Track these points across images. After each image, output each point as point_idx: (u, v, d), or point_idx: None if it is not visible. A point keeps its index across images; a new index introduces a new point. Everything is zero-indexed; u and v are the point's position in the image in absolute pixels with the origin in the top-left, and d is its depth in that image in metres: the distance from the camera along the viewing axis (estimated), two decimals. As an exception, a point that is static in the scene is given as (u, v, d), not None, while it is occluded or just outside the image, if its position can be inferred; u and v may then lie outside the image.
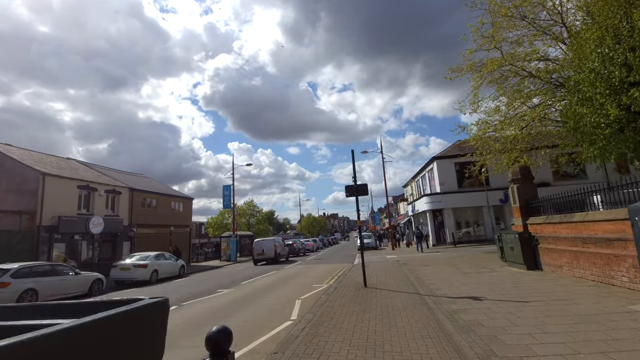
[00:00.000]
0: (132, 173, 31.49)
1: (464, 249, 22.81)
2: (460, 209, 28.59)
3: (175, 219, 28.89)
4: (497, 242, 12.99)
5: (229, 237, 32.33)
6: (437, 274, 11.65)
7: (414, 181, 39.84)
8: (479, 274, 11.00)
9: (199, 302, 9.64)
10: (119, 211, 23.10)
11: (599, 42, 9.95)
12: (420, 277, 11.25)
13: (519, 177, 12.06)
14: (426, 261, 16.50)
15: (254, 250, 23.49)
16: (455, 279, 10.36)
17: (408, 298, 7.79)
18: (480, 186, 28.47)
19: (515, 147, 16.45)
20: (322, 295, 8.84)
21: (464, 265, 13.53)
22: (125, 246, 23.35)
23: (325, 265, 19.75)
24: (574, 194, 9.63)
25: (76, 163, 24.73)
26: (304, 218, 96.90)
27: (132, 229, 23.86)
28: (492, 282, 9.30)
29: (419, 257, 19.07)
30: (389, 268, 14.58)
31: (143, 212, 25.32)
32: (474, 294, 7.84)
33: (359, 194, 10.00)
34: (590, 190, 8.94)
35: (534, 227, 11.28)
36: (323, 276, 14.00)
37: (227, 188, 32.69)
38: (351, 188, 10.07)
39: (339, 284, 10.36)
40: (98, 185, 21.64)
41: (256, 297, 9.84)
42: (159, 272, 17.79)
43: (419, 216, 35.07)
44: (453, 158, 29.35)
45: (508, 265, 12.20)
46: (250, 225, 52.48)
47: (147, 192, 25.94)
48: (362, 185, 10.08)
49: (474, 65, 16.09)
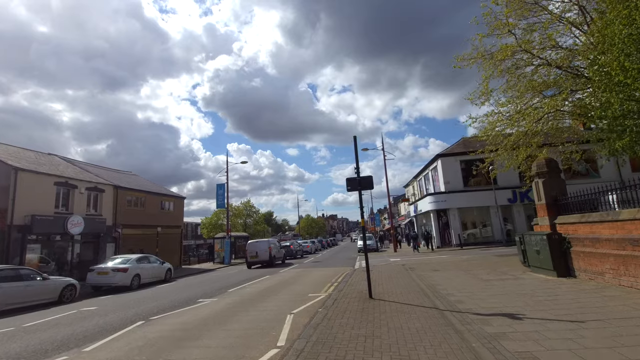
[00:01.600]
0: (120, 171, 29.89)
1: (472, 252, 21.28)
2: (466, 209, 27.09)
3: (166, 219, 27.29)
4: (519, 245, 11.46)
5: (222, 238, 30.73)
6: (452, 281, 10.11)
7: (415, 180, 38.34)
8: (502, 282, 9.47)
9: (171, 317, 8.07)
10: (101, 210, 21.50)
11: (627, 22, 8.59)
12: (433, 284, 9.72)
13: (544, 170, 10.54)
14: (434, 265, 14.96)
15: (248, 253, 21.92)
16: (475, 287, 8.83)
17: (426, 315, 6.24)
18: (486, 185, 27.01)
19: (531, 141, 15.04)
20: (319, 309, 7.30)
21: (479, 270, 12.01)
22: (109, 248, 21.76)
23: (324, 269, 18.20)
24: (618, 187, 8.15)
25: (58, 159, 23.13)
26: (302, 219, 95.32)
27: (117, 230, 22.26)
28: (522, 293, 7.77)
29: (425, 261, 17.54)
30: (394, 273, 13.04)
31: (129, 211, 23.72)
32: (508, 309, 6.32)
33: (363, 188, 8.47)
34: None
35: (565, 227, 9.76)
36: (321, 282, 12.45)
37: (221, 187, 31.09)
38: (353, 181, 8.54)
39: (340, 294, 8.80)
40: (78, 182, 20.05)
41: (240, 310, 8.27)
42: (142, 276, 16.25)
43: (421, 217, 33.55)
44: (458, 155, 27.89)
45: (532, 271, 10.68)
46: (247, 226, 50.86)
47: (133, 190, 24.33)
48: (365, 178, 8.55)
49: (484, 53, 14.70)
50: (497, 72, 14.61)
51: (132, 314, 8.77)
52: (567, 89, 13.01)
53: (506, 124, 15.38)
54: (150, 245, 23.81)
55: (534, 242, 10.47)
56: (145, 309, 9.30)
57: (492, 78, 14.77)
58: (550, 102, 13.25)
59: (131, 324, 7.63)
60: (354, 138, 8.66)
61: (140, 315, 8.59)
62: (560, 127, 15.23)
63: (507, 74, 14.55)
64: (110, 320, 8.18)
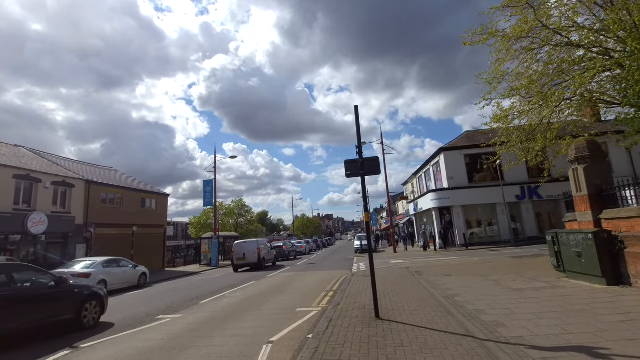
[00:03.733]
0: (98, 166, 27.67)
1: (480, 253, 19.42)
2: (470, 206, 25.25)
3: (147, 217, 25.12)
4: (551, 245, 9.56)
5: (210, 238, 28.60)
6: (473, 291, 8.18)
7: (415, 177, 36.49)
8: (538, 292, 7.56)
9: (105, 346, 6.02)
10: (70, 207, 19.31)
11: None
12: (452, 295, 7.77)
13: (586, 154, 8.64)
14: (443, 268, 13.05)
15: (234, 254, 19.84)
16: (507, 300, 6.90)
17: (462, 351, 4.28)
18: (493, 181, 25.20)
19: (552, 127, 13.26)
20: (308, 336, 5.32)
21: (500, 276, 10.11)
22: (80, 249, 19.58)
23: (318, 272, 16.22)
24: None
25: (25, 151, 20.89)
26: (297, 219, 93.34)
27: (89, 229, 20.08)
28: (577, 310, 5.86)
29: (431, 263, 15.62)
30: (400, 279, 11.10)
31: (104, 209, 21.53)
32: (577, 339, 4.40)
33: (367, 172, 6.49)
34: None
35: (614, 223, 7.88)
36: (314, 291, 10.46)
37: (209, 183, 28.94)
38: (354, 164, 6.56)
39: (336, 311, 6.80)
40: (43, 176, 17.85)
41: (203, 335, 6.23)
42: (109, 282, 14.17)
43: (422, 215, 31.68)
44: (463, 149, 26.05)
45: (569, 277, 8.79)
46: (239, 225, 48.69)
47: (108, 186, 22.12)
48: (370, 160, 6.57)
49: (496, 32, 12.87)
50: (510, 54, 12.82)
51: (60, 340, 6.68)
52: (597, 66, 11.09)
53: (521, 110, 13.54)
54: (129, 247, 21.66)
55: (573, 242, 8.57)
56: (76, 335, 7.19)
57: (504, 61, 13.01)
58: (579, 78, 11.31)
59: (52, 353, 5.59)
60: (355, 108, 6.68)
61: (66, 341, 6.49)
62: (565, 121, 13.65)
63: (524, 53, 12.73)
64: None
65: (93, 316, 7.83)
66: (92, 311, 7.85)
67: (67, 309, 7.26)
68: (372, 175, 6.57)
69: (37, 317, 6.62)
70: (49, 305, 6.96)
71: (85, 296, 7.77)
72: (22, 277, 6.87)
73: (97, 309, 7.99)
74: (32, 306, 6.61)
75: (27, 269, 7.58)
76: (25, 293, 6.64)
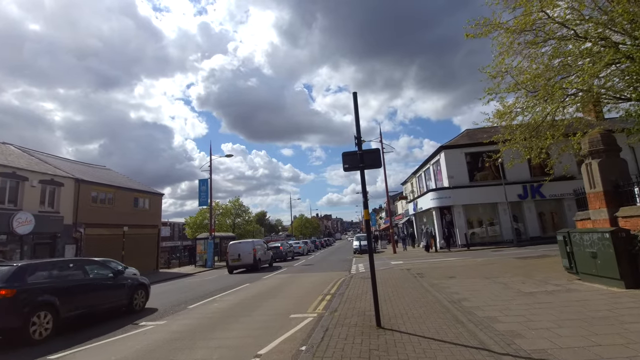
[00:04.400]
0: (90, 164, 26.98)
1: (483, 253, 18.86)
2: (471, 205, 24.69)
3: (139, 217, 24.45)
4: (563, 246, 8.97)
5: (205, 239, 27.95)
6: (481, 294, 7.59)
7: (415, 177, 35.93)
8: (552, 296, 6.98)
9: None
10: (59, 207, 18.65)
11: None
12: (458, 299, 7.19)
13: (600, 147, 8.08)
14: (446, 270, 12.47)
15: (229, 255, 19.20)
16: (520, 306, 6.32)
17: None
18: (494, 179, 24.67)
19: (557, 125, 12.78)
20: (301, 349, 4.72)
21: (508, 278, 9.54)
22: (69, 250, 18.91)
23: (315, 274, 15.62)
24: None
25: (13, 148, 20.21)
26: (296, 219, 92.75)
27: (79, 229, 19.42)
28: (599, 317, 5.28)
29: (433, 264, 15.05)
30: (401, 281, 10.50)
31: (94, 208, 20.86)
32: (607, 353, 3.85)
33: (366, 166, 5.89)
34: None
35: (632, 221, 7.33)
36: (310, 295, 9.85)
37: (204, 182, 28.30)
38: (352, 156, 5.96)
39: (333, 318, 6.20)
40: (29, 174, 17.18)
41: (184, 346, 5.57)
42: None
43: (422, 215, 31.13)
44: (464, 147, 25.50)
45: (582, 280, 8.21)
46: (237, 225, 48.03)
47: (99, 185, 21.44)
48: (370, 153, 5.98)
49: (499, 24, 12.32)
50: (512, 49, 12.28)
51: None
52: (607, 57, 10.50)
53: (526, 106, 12.99)
54: (120, 247, 21.01)
55: (587, 242, 7.98)
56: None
57: (508, 55, 12.48)
58: (589, 69, 10.71)
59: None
60: (353, 95, 6.08)
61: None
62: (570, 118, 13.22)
63: (527, 48, 12.18)
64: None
65: (141, 302, 9.47)
66: (140, 298, 9.49)
67: (124, 296, 8.88)
68: (372, 169, 5.96)
69: (104, 302, 8.26)
70: (112, 292, 8.54)
71: (136, 286, 9.38)
72: (91, 270, 8.48)
73: (144, 297, 9.66)
74: (101, 293, 8.23)
75: (94, 263, 9.29)
76: (96, 282, 8.24)
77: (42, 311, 6.65)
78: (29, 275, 6.89)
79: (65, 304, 7.12)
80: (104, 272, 8.79)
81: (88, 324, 7.76)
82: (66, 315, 7.15)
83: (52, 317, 6.81)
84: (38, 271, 7.15)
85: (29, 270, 6.99)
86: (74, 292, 7.51)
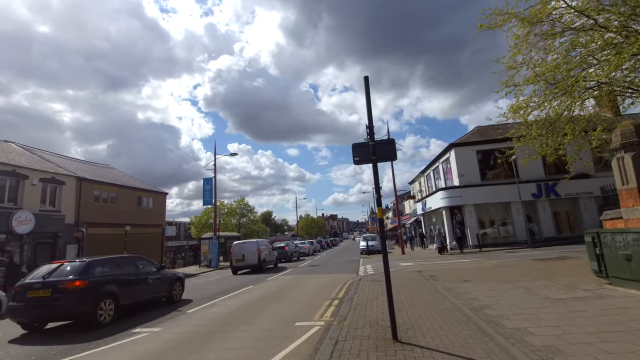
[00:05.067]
0: (94, 163, 26.71)
1: (496, 254, 18.10)
2: (483, 205, 23.88)
3: (143, 216, 24.08)
4: (591, 247, 8.25)
5: (210, 238, 27.51)
6: (504, 302, 6.93)
7: (423, 176, 35.16)
8: (584, 303, 6.31)
9: None
10: (60, 206, 18.31)
11: None
12: (481, 308, 6.54)
13: (634, 140, 7.37)
14: (460, 272, 11.79)
15: (232, 256, 18.69)
16: (553, 316, 5.65)
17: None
18: (507, 178, 23.84)
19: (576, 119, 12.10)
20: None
21: (529, 282, 8.86)
22: (71, 250, 18.56)
23: (322, 276, 15.03)
24: None
25: (14, 146, 19.94)
26: (302, 219, 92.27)
27: (81, 229, 19.07)
28: (653, 332, 4.59)
29: (445, 266, 14.37)
30: (414, 285, 9.86)
31: (97, 207, 20.52)
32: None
33: (379, 158, 5.27)
34: None
35: (674, 221, 6.61)
36: (316, 299, 9.26)
37: (208, 181, 27.82)
38: (363, 148, 5.35)
39: (342, 328, 5.60)
40: (30, 172, 16.85)
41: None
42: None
43: (431, 215, 30.37)
44: (475, 145, 24.70)
45: (615, 285, 7.51)
46: (242, 225, 47.61)
47: (102, 184, 21.09)
48: (384, 144, 5.36)
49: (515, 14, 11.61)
50: (527, 42, 11.57)
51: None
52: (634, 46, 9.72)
53: (544, 99, 12.23)
54: (123, 247, 20.61)
55: (620, 244, 7.27)
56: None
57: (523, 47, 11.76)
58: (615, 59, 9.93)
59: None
60: (365, 80, 5.47)
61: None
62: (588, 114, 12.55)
63: (545, 39, 11.46)
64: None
65: (178, 293, 10.68)
66: (178, 290, 10.69)
67: (165, 288, 10.08)
68: (386, 162, 5.34)
69: (152, 292, 9.52)
70: (157, 284, 9.75)
71: (174, 279, 10.61)
72: (141, 265, 9.72)
73: (181, 289, 10.87)
74: (149, 285, 9.44)
75: (142, 259, 10.27)
76: (145, 276, 9.43)
77: (106, 299, 7.88)
78: (95, 269, 8.12)
79: (123, 294, 8.36)
80: (150, 267, 9.99)
81: (139, 311, 9.00)
82: (124, 303, 8.35)
83: (114, 305, 8.03)
84: (101, 266, 8.40)
85: (95, 265, 8.23)
86: (130, 283, 8.79)
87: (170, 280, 10.30)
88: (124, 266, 9.04)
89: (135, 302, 8.78)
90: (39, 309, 7.31)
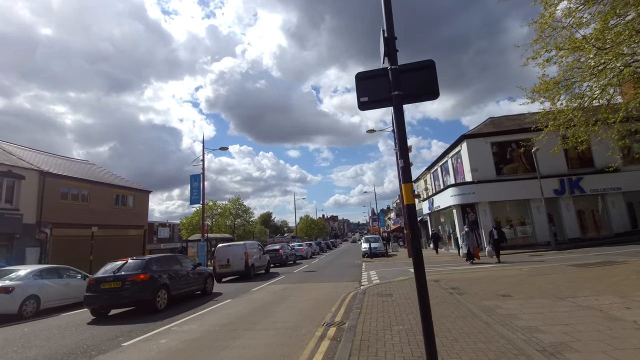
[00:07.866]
0: (70, 158, 24.35)
1: (518, 258, 15.73)
2: (498, 202, 21.50)
3: (121, 217, 21.72)
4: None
5: (197, 240, 25.13)
6: (584, 335, 4.55)
7: (429, 173, 32.79)
8: None
9: None
10: (18, 203, 15.95)
11: None
12: (555, 347, 4.15)
13: None
14: (489, 283, 9.41)
15: (216, 260, 16.26)
16: None
17: None
18: (525, 172, 21.45)
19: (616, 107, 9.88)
20: None
21: (593, 299, 6.50)
22: (31, 253, 16.20)
23: (317, 285, 12.66)
24: None
25: (-28, 138, 17.61)
26: (301, 220, 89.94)
27: (44, 230, 16.70)
28: None
29: (466, 274, 11.99)
30: (435, 302, 7.43)
31: (65, 205, 18.16)
32: None
33: (408, 96, 2.87)
34: None
35: None
36: (304, 323, 6.89)
37: (196, 178, 25.41)
38: (376, 80, 2.96)
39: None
40: (-21, 164, 14.51)
41: None
42: (43, 299, 10.94)
43: (439, 214, 27.93)
44: (489, 136, 22.32)
45: None
46: (237, 227, 45.22)
47: (70, 179, 18.69)
48: (416, 70, 2.97)
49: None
50: None
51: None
52: None
53: (589, 67, 9.82)
54: (96, 250, 18.25)
55: None
56: None
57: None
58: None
59: None
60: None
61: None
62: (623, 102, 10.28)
63: None
64: None
65: (210, 287, 12.26)
66: (210, 284, 12.30)
67: (201, 282, 11.70)
68: (421, 102, 2.96)
69: (192, 285, 11.20)
70: (196, 279, 11.42)
71: (207, 275, 12.24)
72: (183, 262, 11.49)
73: (212, 283, 12.54)
74: (190, 279, 11.14)
75: (184, 257, 12.14)
76: (187, 271, 11.14)
77: (162, 290, 9.50)
78: (153, 265, 9.70)
79: (173, 285, 9.99)
80: (189, 264, 11.66)
81: (182, 301, 10.51)
82: (173, 294, 9.95)
83: (167, 294, 9.64)
84: (156, 263, 9.98)
85: (152, 262, 9.86)
86: (178, 277, 10.40)
87: (205, 276, 11.91)
88: (172, 263, 10.69)
89: (180, 293, 10.36)
90: (111, 297, 8.88)
